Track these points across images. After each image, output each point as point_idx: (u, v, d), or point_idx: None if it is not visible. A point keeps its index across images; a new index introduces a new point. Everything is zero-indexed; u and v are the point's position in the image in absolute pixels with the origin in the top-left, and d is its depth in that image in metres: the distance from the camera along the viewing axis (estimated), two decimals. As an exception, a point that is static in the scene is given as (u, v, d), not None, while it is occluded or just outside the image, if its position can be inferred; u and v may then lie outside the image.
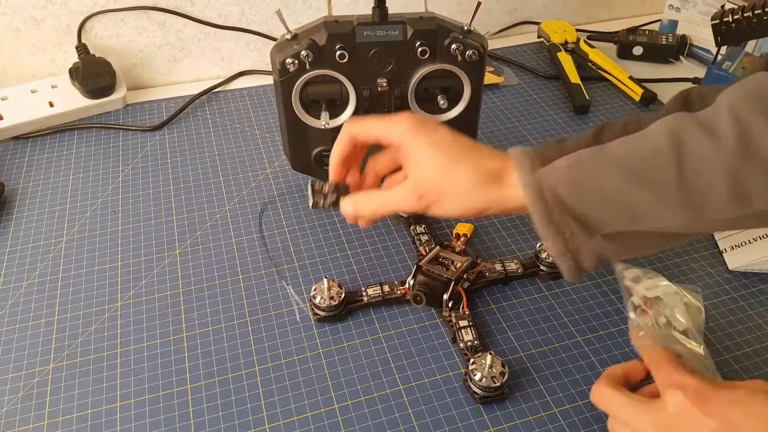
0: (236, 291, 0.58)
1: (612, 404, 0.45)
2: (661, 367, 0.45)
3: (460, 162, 0.47)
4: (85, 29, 0.79)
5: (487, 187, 0.46)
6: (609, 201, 0.43)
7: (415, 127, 0.49)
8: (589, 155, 0.44)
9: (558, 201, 0.44)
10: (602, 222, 0.44)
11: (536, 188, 0.44)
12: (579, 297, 0.58)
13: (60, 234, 0.64)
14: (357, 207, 0.51)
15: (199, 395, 0.50)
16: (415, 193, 0.48)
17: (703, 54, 0.91)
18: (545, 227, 0.44)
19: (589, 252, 0.45)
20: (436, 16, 0.60)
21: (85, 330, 0.55)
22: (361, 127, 0.51)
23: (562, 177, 0.44)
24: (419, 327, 0.56)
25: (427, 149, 0.48)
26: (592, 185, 0.43)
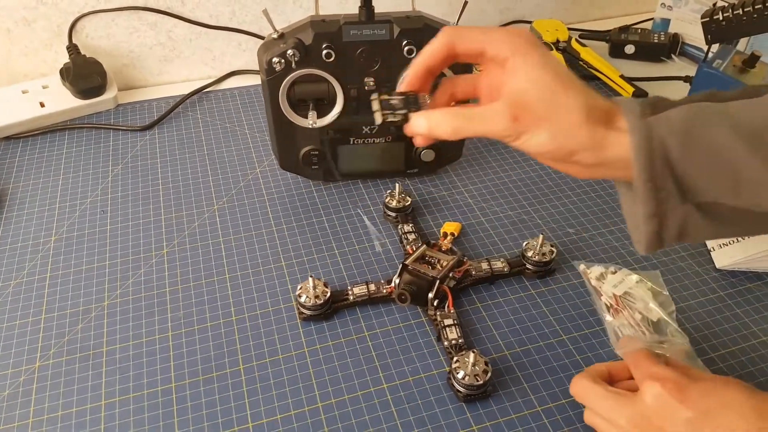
0: (222, 290, 0.58)
1: (590, 396, 0.46)
2: (640, 363, 0.45)
3: (572, 90, 0.41)
4: (76, 30, 0.79)
5: (592, 124, 0.40)
6: (717, 161, 0.39)
7: (533, 42, 0.42)
8: (706, 109, 0.40)
9: (664, 153, 0.39)
10: (702, 187, 0.40)
11: (645, 135, 0.39)
12: (565, 296, 0.58)
13: (49, 233, 0.64)
14: (432, 124, 0.44)
15: (183, 394, 0.50)
16: (511, 112, 0.41)
17: (695, 52, 0.91)
18: (645, 182, 0.40)
19: (677, 219, 0.41)
20: (422, 15, 0.61)
21: (72, 329, 0.55)
22: (465, 33, 0.43)
23: (675, 127, 0.39)
24: (405, 326, 0.56)
25: (537, 66, 0.41)
26: (704, 141, 0.39)
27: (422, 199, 0.68)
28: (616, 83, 0.85)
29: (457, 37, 0.43)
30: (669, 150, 0.39)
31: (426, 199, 0.68)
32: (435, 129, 0.43)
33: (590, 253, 0.62)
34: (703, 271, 0.61)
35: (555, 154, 0.42)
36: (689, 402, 0.41)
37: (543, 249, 0.59)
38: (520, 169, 0.72)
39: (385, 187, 0.69)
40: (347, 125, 0.64)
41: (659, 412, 0.42)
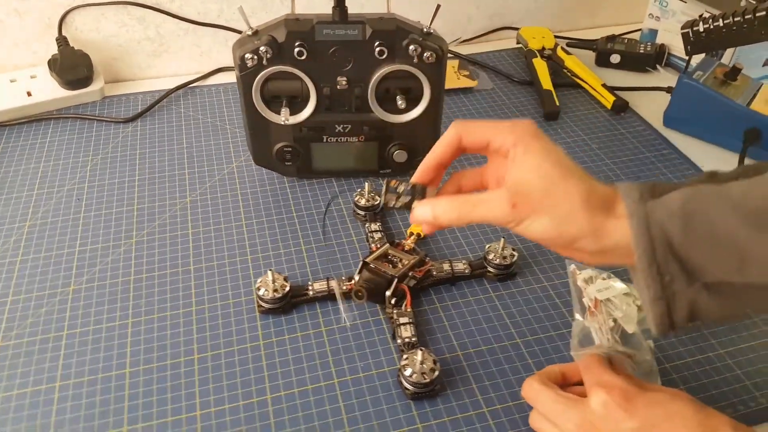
0: (186, 281, 0.59)
1: (539, 399, 0.46)
2: (591, 369, 0.46)
3: (571, 178, 0.42)
4: (66, 22, 0.81)
5: (591, 211, 0.41)
6: (719, 243, 0.39)
7: (535, 134, 0.44)
8: (705, 192, 0.41)
9: (665, 238, 0.40)
10: (707, 267, 0.40)
11: (644, 220, 0.40)
12: (524, 300, 0.59)
13: (24, 218, 0.65)
14: (437, 212, 0.46)
15: (136, 379, 0.51)
16: (511, 199, 0.43)
17: (680, 63, 0.91)
18: (647, 266, 0.40)
19: (686, 301, 0.41)
20: (396, 17, 0.61)
21: (36, 312, 0.56)
22: (471, 127, 0.47)
23: (674, 211, 0.40)
24: (362, 323, 0.56)
25: (538, 157, 0.43)
26: (705, 224, 0.40)
27: (393, 199, 0.69)
28: (598, 92, 0.85)
29: (464, 131, 0.46)
30: (670, 234, 0.40)
31: (397, 200, 0.69)
32: (440, 216, 0.45)
33: (553, 259, 0.63)
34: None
35: (556, 241, 0.43)
36: (635, 412, 0.42)
37: (504, 252, 0.60)
38: (494, 174, 0.73)
39: (359, 186, 0.70)
40: (320, 123, 0.65)
41: (605, 419, 0.42)
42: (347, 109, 0.65)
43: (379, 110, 0.65)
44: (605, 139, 0.79)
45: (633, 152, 0.77)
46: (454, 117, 0.82)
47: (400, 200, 0.48)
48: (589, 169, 0.73)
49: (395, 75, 0.63)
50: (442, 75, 0.64)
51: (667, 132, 0.81)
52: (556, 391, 0.46)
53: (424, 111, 0.65)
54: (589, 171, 0.44)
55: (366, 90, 0.64)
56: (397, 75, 0.63)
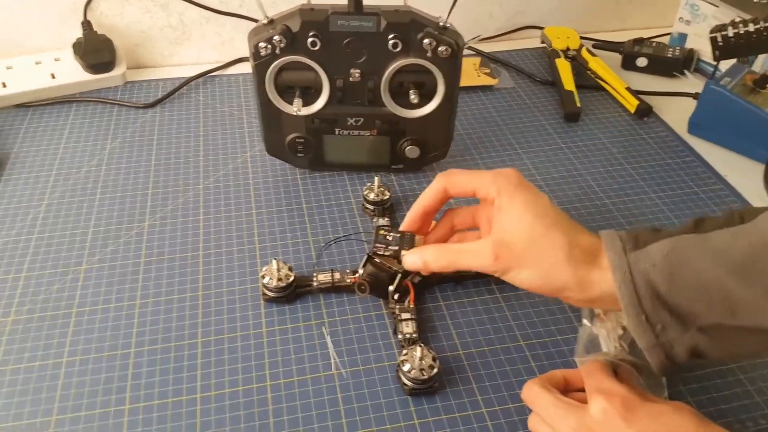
0: (194, 266, 0.60)
1: (539, 402, 0.45)
2: (593, 375, 0.45)
3: (553, 230, 0.44)
4: (91, 7, 0.82)
5: (575, 263, 0.43)
6: (707, 292, 0.40)
7: (518, 183, 0.46)
8: (687, 242, 0.41)
9: (650, 288, 0.40)
10: (699, 313, 0.40)
11: (627, 271, 0.41)
12: (530, 302, 0.58)
13: (42, 198, 0.67)
14: (425, 259, 0.49)
15: (140, 359, 0.52)
16: (494, 251, 0.45)
17: (710, 69, 0.89)
18: (635, 317, 0.41)
19: (684, 346, 0.41)
20: (411, 10, 0.61)
21: (49, 288, 0.57)
22: (456, 178, 0.49)
23: (657, 263, 0.40)
24: (365, 316, 0.56)
25: (521, 209, 0.45)
26: (690, 275, 0.40)
27: (404, 194, 0.69)
28: (622, 95, 0.83)
29: (449, 183, 0.49)
30: (655, 284, 0.40)
31: (408, 195, 0.69)
32: (428, 264, 0.49)
33: (563, 262, 0.62)
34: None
35: (543, 291, 0.45)
36: (635, 422, 0.41)
37: (512, 253, 0.59)
38: (508, 173, 0.72)
39: (369, 180, 0.70)
40: (333, 116, 0.65)
41: (603, 426, 0.41)
42: (360, 102, 0.65)
43: (392, 104, 0.65)
44: (626, 143, 0.78)
45: (654, 158, 0.76)
46: (474, 115, 0.81)
47: (390, 248, 0.52)
48: (609, 174, 0.72)
49: (409, 69, 0.63)
50: (458, 70, 0.64)
51: (691, 139, 0.79)
52: (556, 396, 0.45)
53: (437, 107, 0.65)
54: (608, 176, 0.44)
55: (379, 83, 0.63)
56: (411, 69, 0.63)
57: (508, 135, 0.78)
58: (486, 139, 0.77)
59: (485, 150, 0.76)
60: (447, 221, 0.53)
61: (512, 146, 0.76)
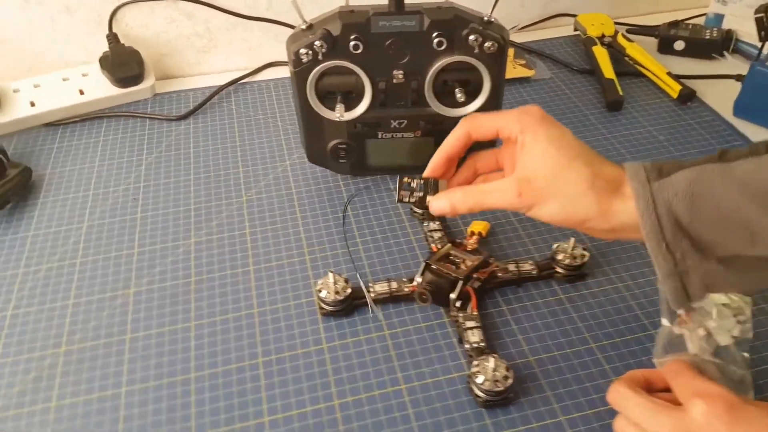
0: (246, 282, 0.58)
1: (629, 404, 0.43)
2: (681, 375, 0.42)
3: (576, 163, 0.44)
4: (116, 19, 0.80)
5: (598, 193, 0.43)
6: (728, 221, 0.40)
7: (541, 119, 0.47)
8: (711, 171, 0.41)
9: (672, 217, 0.41)
10: (718, 243, 0.41)
11: (650, 200, 0.41)
12: (596, 302, 0.56)
13: (81, 219, 0.65)
14: (453, 202, 0.49)
15: (201, 385, 0.50)
16: (518, 187, 0.45)
17: (749, 50, 0.86)
18: (656, 245, 0.41)
19: (699, 276, 0.42)
20: (454, 6, 0.59)
21: (98, 315, 0.56)
22: (479, 121, 0.49)
23: (680, 191, 0.41)
24: (426, 326, 0.55)
25: (544, 144, 0.45)
26: (712, 203, 0.41)
27: (452, 196, 0.67)
28: (663, 81, 0.81)
29: (472, 126, 0.49)
30: (677, 213, 0.41)
31: (455, 196, 0.67)
32: (456, 206, 0.48)
33: (625, 258, 0.60)
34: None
35: (566, 223, 0.45)
36: (737, 426, 0.38)
37: (575, 252, 0.57)
38: (556, 168, 0.70)
39: (415, 183, 0.68)
40: (375, 119, 0.63)
41: (705, 430, 0.39)
42: (403, 104, 0.63)
43: (437, 104, 0.63)
44: (672, 129, 0.76)
45: (702, 144, 0.73)
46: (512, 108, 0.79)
47: (414, 195, 0.51)
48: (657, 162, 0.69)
49: (453, 67, 0.60)
50: (503, 65, 0.61)
51: (737, 122, 0.76)
52: (646, 397, 0.42)
53: (483, 104, 0.63)
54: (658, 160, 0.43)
55: (423, 83, 0.61)
56: (455, 67, 0.60)
57: (550, 128, 0.76)
58: (528, 134, 0.75)
59: (529, 145, 0.73)
60: (470, 165, 0.53)
61: (556, 139, 0.74)
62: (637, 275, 0.58)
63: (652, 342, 0.52)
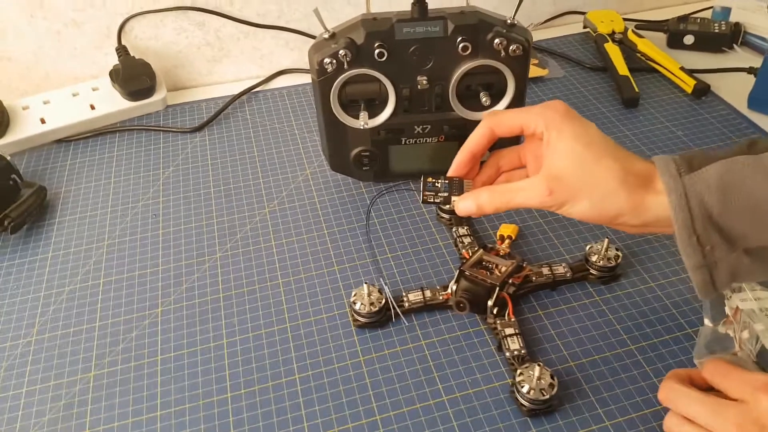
0: (276, 296, 0.57)
1: (685, 400, 0.42)
2: (732, 372, 0.41)
3: (605, 159, 0.44)
4: (125, 31, 0.79)
5: (630, 189, 0.43)
6: (759, 213, 0.40)
7: (565, 115, 0.46)
8: (743, 163, 0.41)
9: (704, 210, 0.41)
10: (749, 235, 0.41)
11: (682, 194, 0.41)
12: (632, 302, 0.56)
13: (102, 238, 0.64)
14: (480, 203, 0.47)
15: (239, 404, 0.49)
16: (548, 186, 0.44)
17: (758, 42, 0.86)
18: (687, 239, 0.41)
19: (727, 267, 0.42)
20: (478, 10, 0.58)
21: (126, 336, 0.55)
22: (502, 118, 0.48)
23: (712, 184, 0.41)
24: (463, 334, 0.54)
25: (570, 140, 0.44)
26: (744, 195, 0.40)
27: (476, 200, 0.66)
28: (677, 76, 0.80)
29: (495, 123, 0.48)
30: (709, 206, 0.41)
31: (480, 201, 0.66)
32: (483, 207, 0.47)
33: (657, 257, 0.59)
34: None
35: (598, 220, 0.45)
36: None
37: (608, 253, 0.57)
38: (578, 168, 0.69)
39: (438, 188, 0.67)
40: (399, 125, 0.63)
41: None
42: (427, 109, 0.62)
43: (461, 108, 0.62)
44: (689, 124, 0.75)
45: (719, 137, 0.73)
46: (528, 110, 0.78)
47: (439, 195, 0.49)
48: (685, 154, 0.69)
49: (477, 71, 0.60)
50: (527, 67, 0.61)
51: (753, 114, 0.76)
52: (703, 393, 0.41)
53: (507, 106, 0.62)
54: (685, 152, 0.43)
55: (447, 88, 0.61)
56: (479, 71, 0.60)
57: (568, 128, 0.76)
58: (547, 134, 0.75)
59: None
60: (493, 163, 0.52)
61: (575, 139, 0.74)
62: (669, 274, 0.58)
63: (690, 341, 0.53)
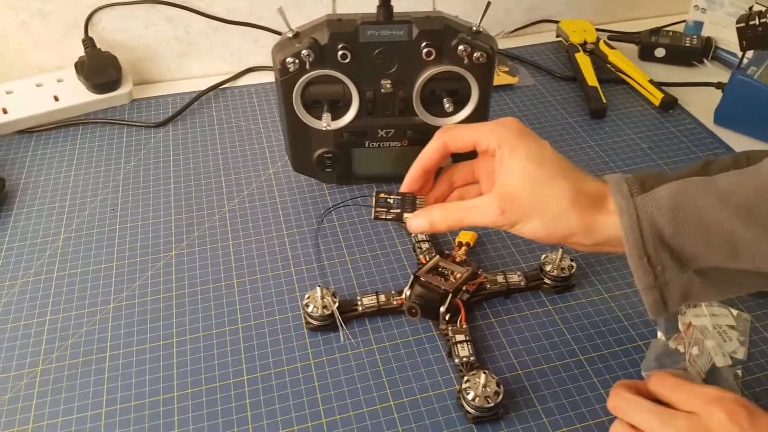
0: (230, 296, 0.57)
1: (634, 409, 0.42)
2: (681, 386, 0.41)
3: (557, 179, 0.44)
4: (92, 22, 0.78)
5: (581, 209, 0.43)
6: (710, 235, 0.41)
7: (519, 133, 0.46)
8: (694, 185, 0.42)
9: (655, 231, 0.41)
10: (700, 256, 0.41)
11: (633, 215, 0.41)
12: (584, 313, 0.56)
13: (58, 231, 0.63)
14: (432, 220, 0.48)
15: (185, 404, 0.49)
16: (500, 205, 0.44)
17: (728, 57, 0.87)
18: (638, 260, 0.42)
19: (678, 288, 0.42)
20: (443, 16, 0.58)
21: (76, 332, 0.54)
22: (456, 133, 0.48)
23: (663, 205, 0.41)
24: (415, 339, 0.54)
25: (523, 159, 0.45)
26: (695, 217, 0.41)
27: (438, 205, 0.66)
28: (645, 88, 0.81)
29: (449, 138, 0.48)
30: (660, 227, 0.41)
31: (442, 206, 0.66)
32: (435, 225, 0.48)
33: (612, 268, 0.60)
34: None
35: (549, 239, 0.45)
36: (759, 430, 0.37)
37: (563, 263, 0.57)
38: (541, 177, 0.70)
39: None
40: (362, 128, 0.62)
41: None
42: (390, 113, 0.62)
43: (424, 113, 0.62)
44: (654, 137, 0.76)
45: (684, 151, 0.74)
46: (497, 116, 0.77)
47: (391, 212, 0.50)
48: (640, 169, 0.70)
49: (441, 76, 0.60)
50: (492, 76, 0.61)
51: (718, 130, 0.77)
52: (653, 403, 0.41)
53: (471, 113, 0.62)
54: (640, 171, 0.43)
55: (411, 93, 0.60)
56: (443, 76, 0.60)
57: (535, 135, 0.76)
58: (513, 142, 0.75)
59: (514, 153, 0.73)
60: (446, 179, 0.52)
61: (540, 148, 0.74)
62: (623, 285, 0.58)
63: (640, 353, 0.53)
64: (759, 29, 0.71)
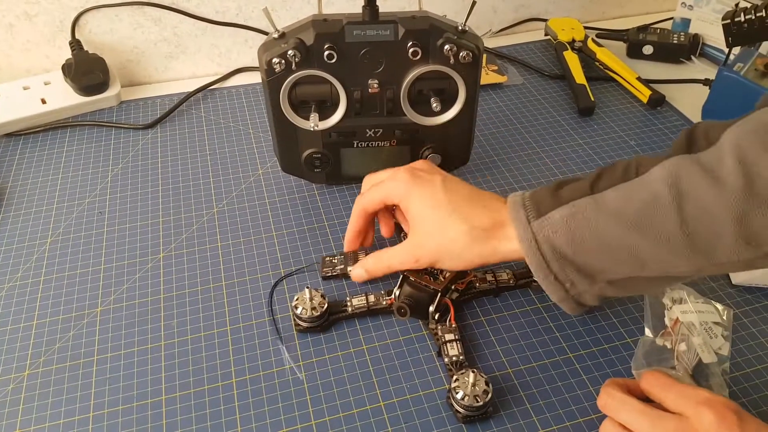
0: (218, 298, 0.57)
1: (625, 408, 0.42)
2: (672, 387, 0.42)
3: (452, 218, 0.48)
4: (79, 25, 0.78)
5: (481, 242, 0.47)
6: (612, 249, 0.43)
7: (409, 182, 0.50)
8: (584, 206, 0.44)
9: (555, 252, 0.44)
10: (608, 269, 0.44)
11: (532, 240, 0.44)
12: (573, 311, 0.56)
13: (45, 235, 0.63)
14: (368, 269, 0.54)
15: (174, 407, 0.49)
16: (413, 255, 0.50)
17: (715, 54, 0.88)
18: (544, 278, 0.45)
19: (591, 296, 0.46)
20: (429, 16, 0.58)
21: (64, 336, 0.54)
22: (369, 197, 0.54)
23: (559, 229, 0.44)
24: (405, 339, 0.54)
25: (419, 207, 0.49)
26: (592, 236, 0.43)
27: (427, 205, 0.66)
28: (633, 86, 0.81)
29: (365, 202, 0.54)
30: (559, 248, 0.44)
31: (431, 206, 0.66)
32: (371, 272, 0.54)
33: (600, 266, 0.60)
34: (719, 286, 0.58)
35: (468, 269, 0.51)
36: None
37: (551, 262, 0.57)
38: (531, 176, 0.70)
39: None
40: (350, 128, 0.62)
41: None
42: (378, 113, 0.62)
43: (412, 113, 0.62)
44: (642, 134, 0.76)
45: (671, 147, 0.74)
46: (486, 115, 0.79)
47: (336, 269, 0.58)
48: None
49: (428, 76, 0.60)
50: (478, 75, 0.61)
51: (706, 126, 0.78)
52: (643, 403, 0.42)
53: (458, 112, 0.62)
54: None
55: (398, 92, 0.60)
56: (431, 76, 0.60)
57: (523, 133, 0.76)
58: (503, 139, 0.75)
59: (503, 151, 0.73)
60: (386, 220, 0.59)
61: (529, 144, 0.74)
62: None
63: (629, 351, 0.53)
64: (744, 25, 0.71)
